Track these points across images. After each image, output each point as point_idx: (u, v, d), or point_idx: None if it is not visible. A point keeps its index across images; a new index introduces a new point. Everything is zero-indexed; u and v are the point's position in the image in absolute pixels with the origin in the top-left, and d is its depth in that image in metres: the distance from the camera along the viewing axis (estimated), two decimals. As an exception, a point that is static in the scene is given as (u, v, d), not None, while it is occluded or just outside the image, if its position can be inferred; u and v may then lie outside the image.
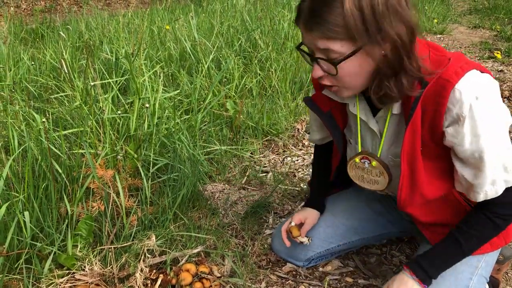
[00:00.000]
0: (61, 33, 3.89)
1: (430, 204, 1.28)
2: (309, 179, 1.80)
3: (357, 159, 1.32)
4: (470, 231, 1.19)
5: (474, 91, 1.04)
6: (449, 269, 1.25)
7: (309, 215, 1.59)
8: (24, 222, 1.48)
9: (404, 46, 1.00)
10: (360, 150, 1.33)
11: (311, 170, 2.24)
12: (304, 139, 2.75)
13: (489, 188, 1.12)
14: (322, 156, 1.63)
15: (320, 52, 1.04)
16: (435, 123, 1.10)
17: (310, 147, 2.66)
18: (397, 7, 0.97)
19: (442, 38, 5.58)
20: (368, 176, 1.33)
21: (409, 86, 1.06)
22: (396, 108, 1.16)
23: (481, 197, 1.13)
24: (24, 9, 7.69)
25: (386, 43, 0.99)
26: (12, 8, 7.07)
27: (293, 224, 1.56)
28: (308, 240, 1.57)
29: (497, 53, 4.65)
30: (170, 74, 3.19)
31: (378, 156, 1.28)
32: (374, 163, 1.29)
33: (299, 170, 2.39)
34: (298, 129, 2.86)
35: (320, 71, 1.08)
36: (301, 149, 2.63)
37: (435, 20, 6.31)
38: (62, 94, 2.70)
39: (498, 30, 5.92)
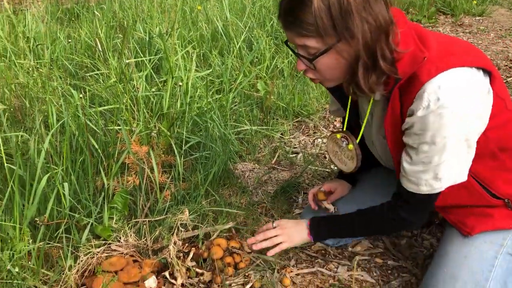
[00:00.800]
0: (96, 12, 3.95)
1: None
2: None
3: (338, 135, 1.39)
4: (369, 217, 1.34)
5: (438, 94, 1.02)
6: (473, 249, 1.25)
7: (340, 185, 1.61)
8: (63, 193, 1.54)
9: (374, 43, 1.01)
10: (344, 129, 1.40)
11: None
12: (336, 120, 2.73)
13: (414, 182, 1.16)
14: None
15: (300, 48, 1.09)
16: (404, 112, 1.12)
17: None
18: (365, 3, 0.98)
19: (481, 20, 5.38)
20: (341, 155, 1.41)
21: (379, 82, 1.08)
22: (376, 95, 1.18)
23: (406, 185, 1.18)
24: (59, -11, 7.81)
25: (354, 40, 1.00)
26: (48, -12, 7.19)
27: (322, 189, 1.58)
28: (334, 209, 1.57)
29: (539, 36, 4.46)
30: (201, 54, 3.21)
31: (357, 141, 1.34)
32: (350, 146, 1.35)
33: (329, 151, 2.38)
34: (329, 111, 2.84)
35: (303, 65, 1.13)
36: (332, 131, 2.62)
37: (474, 2, 6.10)
38: (97, 72, 2.76)
39: (540, 12, 5.67)
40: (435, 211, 1.39)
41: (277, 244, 1.38)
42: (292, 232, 1.41)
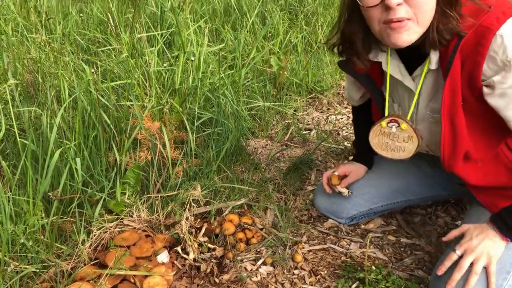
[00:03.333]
0: (108, -14, 3.90)
1: (480, 165, 1.23)
2: (353, 139, 1.77)
3: (383, 123, 1.26)
4: None
5: None
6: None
7: (355, 168, 1.58)
8: (76, 168, 1.54)
9: None
10: (387, 113, 1.28)
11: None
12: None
13: None
14: (362, 115, 1.60)
15: None
16: (473, 76, 1.06)
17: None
18: None
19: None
20: (394, 142, 1.27)
21: (454, 29, 1.03)
22: (433, 63, 1.11)
23: None
24: (71, -37, 7.74)
25: None
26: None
27: (336, 173, 1.56)
28: (348, 193, 1.55)
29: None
30: (214, 29, 3.16)
31: (408, 117, 1.23)
32: (403, 125, 1.23)
33: (343, 128, 2.35)
34: (344, 87, 2.79)
35: None
36: (346, 107, 2.58)
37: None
38: (109, 47, 2.74)
39: None
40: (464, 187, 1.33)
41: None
42: (486, 247, 1.14)
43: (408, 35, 1.05)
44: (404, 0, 0.99)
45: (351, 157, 2.03)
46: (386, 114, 1.29)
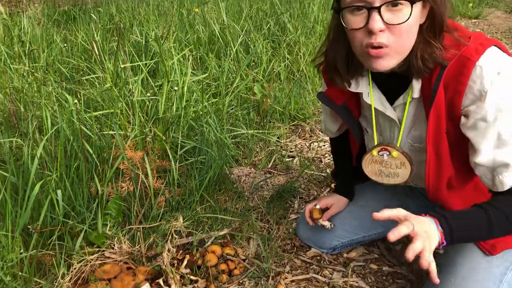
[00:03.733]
0: (93, 15, 3.94)
1: (464, 195, 1.25)
2: (332, 170, 1.80)
3: (374, 152, 1.27)
4: (502, 210, 1.07)
5: (495, 66, 1.02)
6: (483, 262, 1.19)
7: (336, 201, 1.59)
8: (57, 200, 1.53)
9: (446, 9, 1.02)
10: (376, 142, 1.30)
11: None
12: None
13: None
14: (340, 146, 1.61)
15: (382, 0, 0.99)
16: (454, 104, 1.08)
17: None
18: None
19: (477, 23, 5.39)
20: (387, 169, 1.28)
21: (436, 60, 1.05)
22: (416, 92, 1.13)
23: (507, 182, 1.06)
24: (57, -9, 7.81)
25: (437, 3, 1.01)
26: (45, -10, 7.19)
27: (317, 206, 1.57)
28: (330, 225, 1.56)
29: (536, 38, 4.47)
30: (198, 57, 3.20)
31: (398, 145, 1.25)
32: (394, 153, 1.24)
33: (325, 155, 2.38)
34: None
35: (381, 23, 1.00)
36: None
37: (470, 4, 6.09)
38: (93, 76, 2.75)
39: (537, 14, 5.69)
40: None
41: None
42: (428, 232, 1.04)
43: (387, 61, 1.06)
44: (386, 27, 1.01)
45: (333, 184, 2.05)
46: (376, 142, 1.30)
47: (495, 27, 5.26)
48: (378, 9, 0.98)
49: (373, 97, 1.23)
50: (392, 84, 1.19)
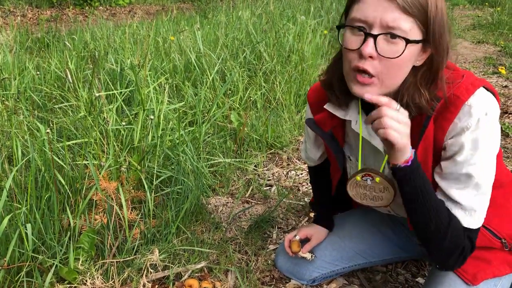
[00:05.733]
0: (67, 42, 3.90)
1: None
2: (311, 199, 1.78)
3: (358, 177, 1.27)
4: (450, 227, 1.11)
5: (484, 107, 1.04)
6: None
7: (316, 232, 1.57)
8: (26, 234, 1.47)
9: (445, 58, 1.04)
10: (360, 168, 1.30)
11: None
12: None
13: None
14: (319, 175, 1.61)
15: (382, 29, 0.98)
16: (437, 139, 1.09)
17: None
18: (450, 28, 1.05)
19: (446, 53, 5.57)
20: (371, 193, 1.28)
21: (431, 99, 1.06)
22: None
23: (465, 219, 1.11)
24: (30, 18, 7.75)
25: (438, 47, 1.02)
26: (18, 17, 7.12)
27: (297, 238, 1.55)
28: (311, 257, 1.54)
29: (502, 68, 4.64)
30: (174, 85, 3.19)
31: (381, 170, 1.25)
32: (377, 179, 1.24)
33: (303, 184, 2.37)
34: (301, 147, 2.84)
35: (373, 50, 0.99)
36: (305, 163, 2.61)
37: (439, 35, 6.31)
38: (67, 104, 2.70)
39: (502, 45, 5.92)
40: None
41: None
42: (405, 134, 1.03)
43: (370, 91, 1.05)
44: (377, 55, 0.99)
45: (312, 214, 2.04)
46: (359, 167, 1.29)
47: (463, 57, 5.45)
48: (375, 37, 0.98)
49: (357, 126, 1.24)
50: None
